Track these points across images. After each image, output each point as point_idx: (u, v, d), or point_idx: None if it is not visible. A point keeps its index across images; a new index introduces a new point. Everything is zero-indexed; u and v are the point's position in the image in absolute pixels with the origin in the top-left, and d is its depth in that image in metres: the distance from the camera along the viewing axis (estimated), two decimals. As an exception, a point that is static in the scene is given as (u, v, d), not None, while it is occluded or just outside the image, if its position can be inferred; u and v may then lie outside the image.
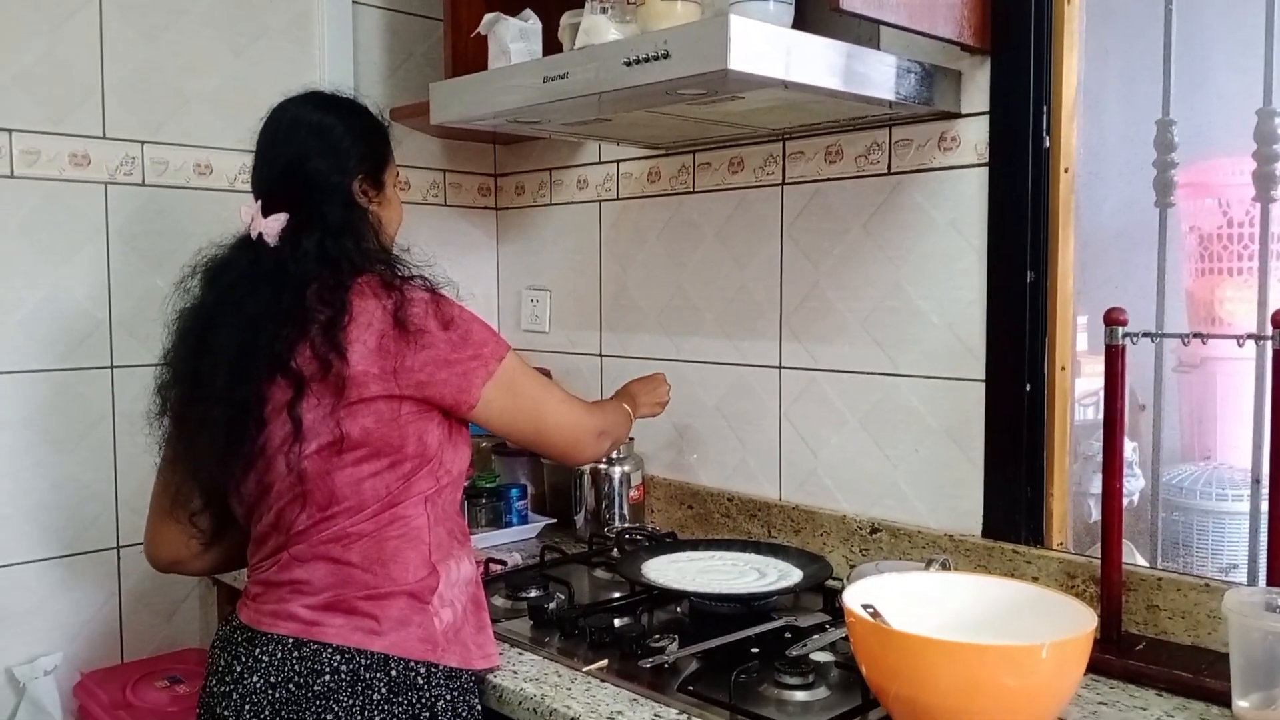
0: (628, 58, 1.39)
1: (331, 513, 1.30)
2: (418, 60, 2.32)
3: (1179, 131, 1.67)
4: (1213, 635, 1.40)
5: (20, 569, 1.86)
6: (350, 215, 1.37)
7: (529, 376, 1.43)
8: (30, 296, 1.85)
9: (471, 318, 1.36)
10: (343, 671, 1.25)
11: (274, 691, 1.25)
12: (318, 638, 1.26)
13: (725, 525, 2.01)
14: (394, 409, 1.30)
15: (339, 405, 1.27)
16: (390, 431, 1.30)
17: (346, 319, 1.28)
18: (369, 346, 1.28)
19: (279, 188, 1.37)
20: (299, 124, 1.39)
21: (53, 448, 1.88)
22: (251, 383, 1.28)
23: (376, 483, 1.30)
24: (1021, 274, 1.58)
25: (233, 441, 1.29)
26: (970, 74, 1.62)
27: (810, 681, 1.32)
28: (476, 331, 1.35)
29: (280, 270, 1.31)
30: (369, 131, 1.44)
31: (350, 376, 1.27)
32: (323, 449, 1.28)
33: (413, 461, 1.32)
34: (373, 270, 1.33)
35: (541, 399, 1.44)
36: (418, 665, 1.28)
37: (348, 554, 1.29)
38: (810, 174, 1.86)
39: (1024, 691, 1.09)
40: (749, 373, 1.99)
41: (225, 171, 2.05)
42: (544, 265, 2.42)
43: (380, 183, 1.45)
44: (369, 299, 1.30)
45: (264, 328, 1.28)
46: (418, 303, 1.31)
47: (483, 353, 1.34)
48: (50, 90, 1.85)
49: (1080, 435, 1.72)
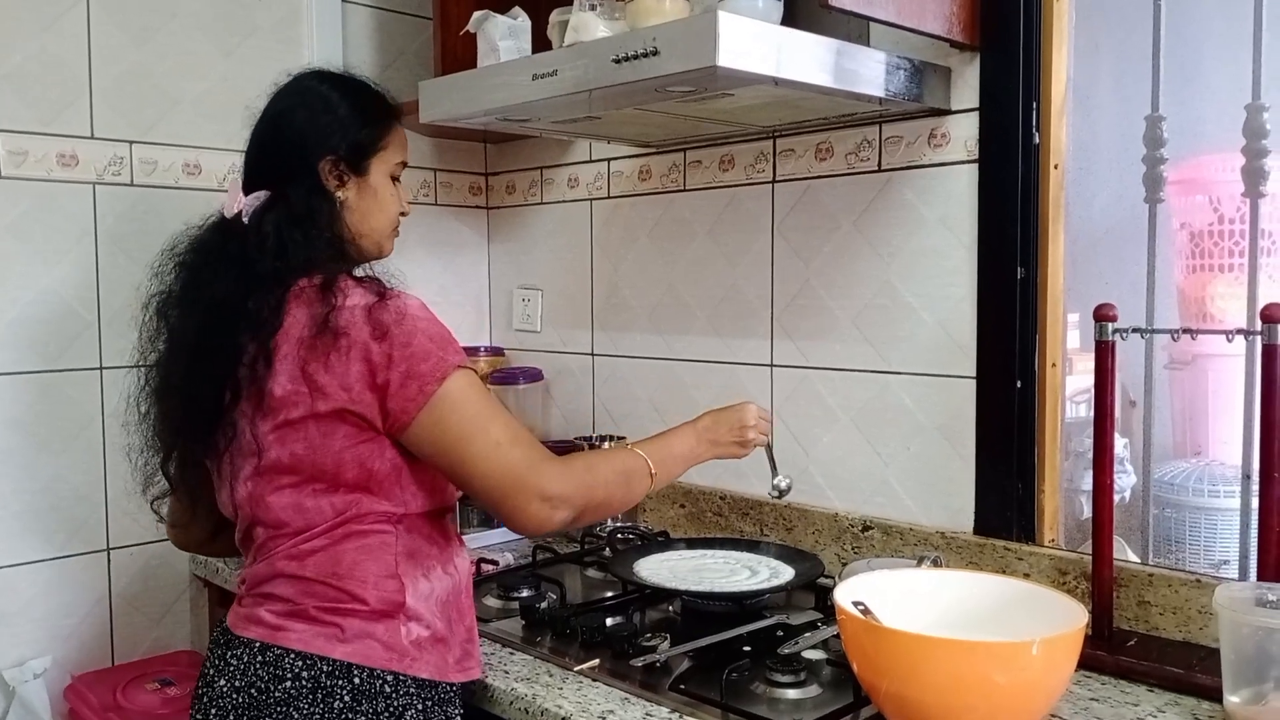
0: (617, 55, 1.39)
1: (279, 533, 1.24)
2: (408, 59, 2.32)
3: (1168, 127, 1.67)
4: (1204, 631, 1.40)
5: (9, 571, 1.85)
6: (310, 201, 1.26)
7: (472, 404, 1.20)
8: (19, 297, 1.84)
9: (415, 328, 1.19)
10: (304, 678, 1.20)
11: (238, 696, 1.22)
12: (280, 643, 1.21)
13: (717, 524, 2.01)
14: (323, 432, 1.19)
15: (265, 425, 1.21)
16: (322, 457, 1.20)
17: (278, 324, 1.19)
18: (294, 362, 1.19)
19: (255, 155, 1.31)
20: (289, 92, 1.32)
21: (42, 449, 1.87)
22: (206, 380, 1.22)
23: (320, 503, 1.22)
24: (1012, 271, 1.58)
25: (193, 437, 1.26)
26: (960, 70, 1.62)
27: (802, 679, 1.32)
28: (418, 344, 1.18)
29: (243, 256, 1.23)
30: (360, 108, 1.32)
31: (278, 396, 1.19)
32: (258, 471, 1.23)
33: (358, 490, 1.22)
34: (320, 268, 1.23)
35: (471, 435, 1.19)
36: (384, 673, 1.21)
37: (303, 569, 1.23)
38: (801, 171, 1.86)
39: (1014, 688, 1.09)
40: (741, 371, 1.99)
41: (214, 172, 2.05)
42: (535, 264, 2.42)
43: (362, 168, 1.31)
44: (303, 307, 1.20)
45: (218, 320, 1.21)
46: (351, 311, 1.18)
47: (420, 369, 1.18)
48: (39, 90, 1.84)
49: (1072, 432, 1.72)
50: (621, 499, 1.33)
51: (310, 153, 1.28)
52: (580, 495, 1.24)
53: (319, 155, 1.28)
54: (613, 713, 1.26)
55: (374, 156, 1.33)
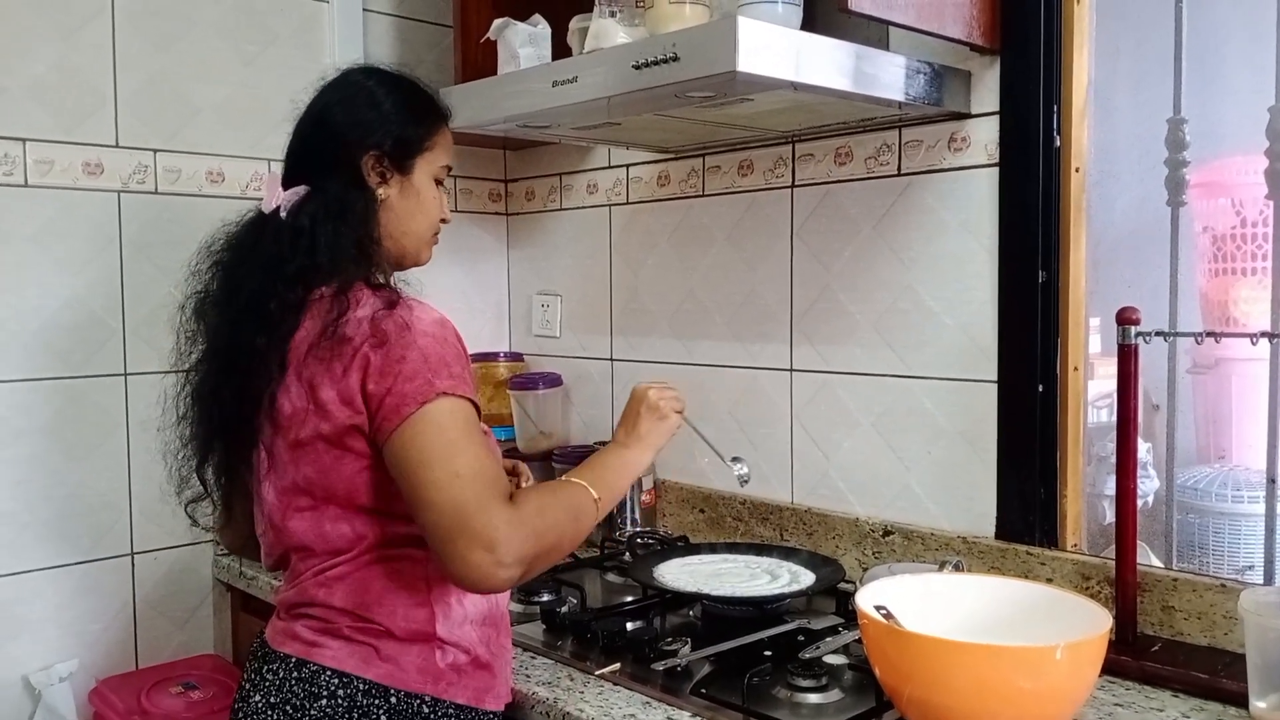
0: (636, 61, 1.40)
1: (306, 556, 1.23)
2: (428, 67, 2.33)
3: (1190, 130, 1.66)
4: (1229, 636, 1.39)
5: (35, 576, 1.86)
6: (347, 195, 1.23)
7: (446, 433, 1.12)
8: (45, 305, 1.86)
9: (413, 343, 1.14)
10: (339, 696, 1.18)
11: (273, 713, 1.20)
12: (316, 659, 1.19)
13: (737, 529, 2.01)
14: (335, 456, 1.17)
15: (281, 440, 1.19)
16: (334, 483, 1.18)
17: (294, 331, 1.18)
18: (301, 378, 1.17)
19: (296, 149, 1.29)
20: (336, 85, 1.29)
21: (67, 456, 1.89)
22: (236, 385, 1.21)
23: (340, 528, 1.20)
24: (1033, 274, 1.57)
25: (230, 444, 1.25)
26: (980, 74, 1.62)
27: (824, 684, 1.32)
28: (410, 361, 1.13)
29: (275, 254, 1.21)
30: (407, 105, 1.28)
31: (285, 411, 1.18)
32: (279, 490, 1.22)
33: (376, 516, 1.19)
34: (341, 271, 1.20)
35: (431, 462, 1.10)
36: (421, 695, 1.19)
37: (331, 597, 1.21)
38: (820, 176, 1.86)
39: (1038, 693, 1.08)
40: (761, 376, 1.98)
41: (237, 179, 2.06)
42: (555, 270, 2.42)
43: (406, 167, 1.28)
44: (316, 317, 1.18)
45: (247, 321, 1.19)
46: (359, 320, 1.16)
47: (404, 388, 1.12)
48: (63, 99, 1.86)
49: (1094, 437, 1.71)
50: (571, 539, 1.22)
51: (354, 147, 1.25)
52: (530, 545, 1.12)
53: (363, 150, 1.25)
54: (634, 717, 1.26)
55: (419, 156, 1.29)
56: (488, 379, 2.38)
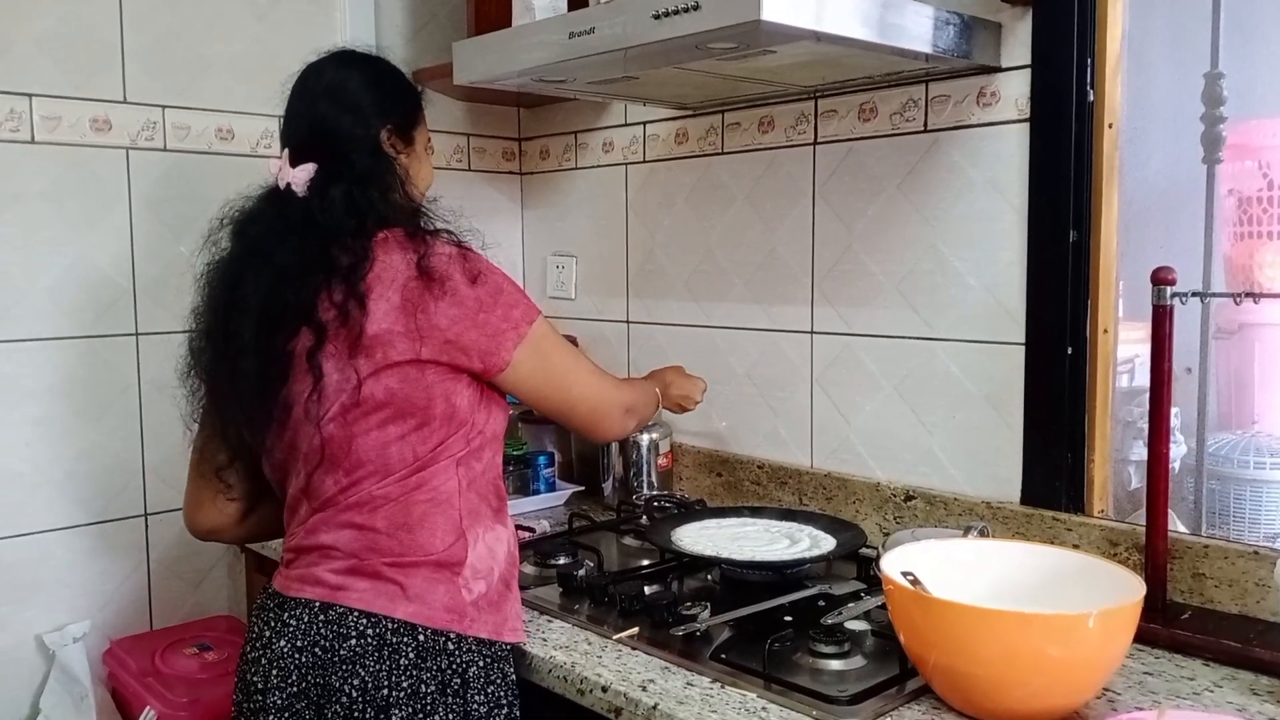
0: (656, 10, 1.35)
1: (356, 477, 1.27)
2: (440, 22, 2.28)
3: (1228, 85, 1.61)
4: (1260, 604, 1.36)
5: (49, 537, 1.85)
6: (378, 164, 1.34)
7: (559, 344, 1.38)
8: (55, 263, 1.83)
9: (501, 275, 1.32)
10: (369, 635, 1.23)
11: (300, 655, 1.24)
12: (343, 602, 1.24)
13: (755, 493, 1.98)
14: (420, 370, 1.25)
15: (361, 362, 1.24)
16: (415, 392, 1.26)
17: (367, 268, 1.24)
18: (392, 303, 1.24)
19: (306, 142, 1.34)
20: (321, 83, 1.36)
21: (79, 416, 1.87)
22: (279, 335, 1.25)
23: (403, 446, 1.27)
24: (1064, 234, 1.53)
25: (260, 395, 1.27)
26: (1011, 26, 1.57)
27: (846, 650, 1.30)
28: (507, 290, 1.31)
29: (308, 220, 1.28)
30: (395, 87, 1.40)
31: (372, 334, 1.23)
32: (346, 410, 1.25)
33: (442, 425, 1.28)
34: (398, 222, 1.30)
35: (570, 368, 1.39)
36: (447, 631, 1.25)
37: (373, 520, 1.27)
38: (843, 133, 1.81)
39: (1070, 662, 1.06)
40: (780, 338, 1.95)
41: (247, 137, 2.03)
42: (570, 230, 2.39)
43: (410, 139, 1.40)
44: (394, 252, 1.27)
45: (291, 278, 1.25)
46: (444, 257, 1.27)
47: (513, 314, 1.30)
48: (70, 54, 1.83)
49: (1119, 402, 1.67)
50: (648, 416, 1.62)
51: (372, 122, 1.35)
52: (638, 407, 1.52)
53: (380, 124, 1.35)
54: (653, 681, 1.24)
55: (416, 128, 1.42)
56: (502, 341, 2.35)
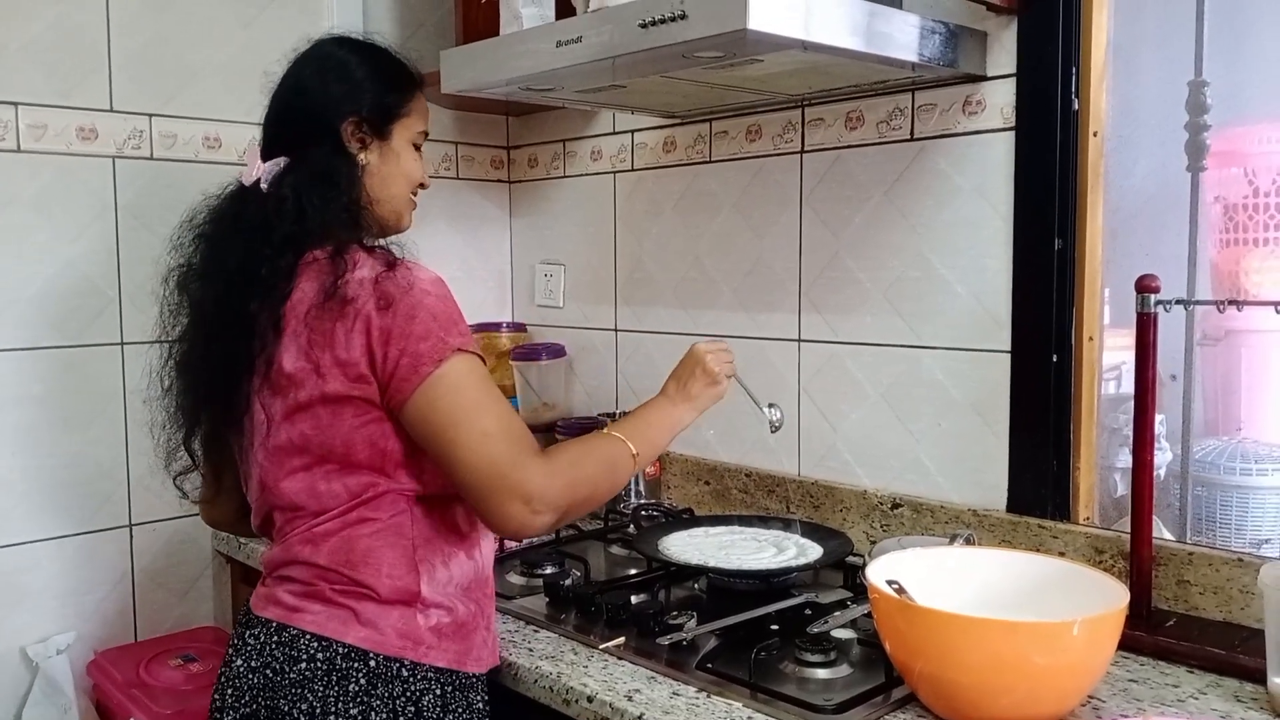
0: (643, 19, 1.35)
1: (291, 516, 1.23)
2: (428, 30, 2.28)
3: (1212, 93, 1.62)
4: (1245, 611, 1.37)
5: (33, 547, 1.84)
6: (331, 161, 1.24)
7: (467, 392, 1.15)
8: (39, 272, 1.83)
9: (420, 303, 1.15)
10: (319, 660, 1.18)
11: (253, 676, 1.21)
12: (296, 624, 1.20)
13: (743, 501, 1.98)
14: (333, 412, 1.17)
15: (276, 403, 1.19)
16: (330, 438, 1.17)
17: (288, 295, 1.17)
18: (301, 340, 1.16)
19: (274, 121, 1.29)
20: (310, 56, 1.30)
21: (65, 425, 1.87)
22: (225, 352, 1.21)
23: (334, 486, 1.20)
24: (1049, 242, 1.53)
25: (213, 415, 1.26)
26: (996, 34, 1.57)
27: (832, 659, 1.29)
28: (420, 321, 1.14)
29: (263, 222, 1.20)
30: (381, 72, 1.30)
31: (285, 370, 1.17)
32: (271, 451, 1.21)
33: (370, 471, 1.19)
34: (333, 235, 1.20)
35: (459, 423, 1.13)
36: (400, 658, 1.19)
37: (316, 556, 1.20)
38: (830, 141, 1.81)
39: (1055, 669, 1.06)
40: (767, 346, 1.95)
41: (234, 144, 2.02)
42: (558, 239, 2.39)
43: (385, 132, 1.29)
44: (312, 279, 1.18)
45: (235, 289, 1.19)
46: (359, 281, 1.15)
47: (419, 348, 1.13)
48: (57, 62, 1.82)
49: (1104, 409, 1.68)
50: (607, 490, 1.27)
51: (332, 114, 1.26)
52: (564, 496, 1.17)
53: (342, 116, 1.26)
54: (639, 691, 1.23)
55: (397, 121, 1.30)
56: (490, 349, 2.35)
